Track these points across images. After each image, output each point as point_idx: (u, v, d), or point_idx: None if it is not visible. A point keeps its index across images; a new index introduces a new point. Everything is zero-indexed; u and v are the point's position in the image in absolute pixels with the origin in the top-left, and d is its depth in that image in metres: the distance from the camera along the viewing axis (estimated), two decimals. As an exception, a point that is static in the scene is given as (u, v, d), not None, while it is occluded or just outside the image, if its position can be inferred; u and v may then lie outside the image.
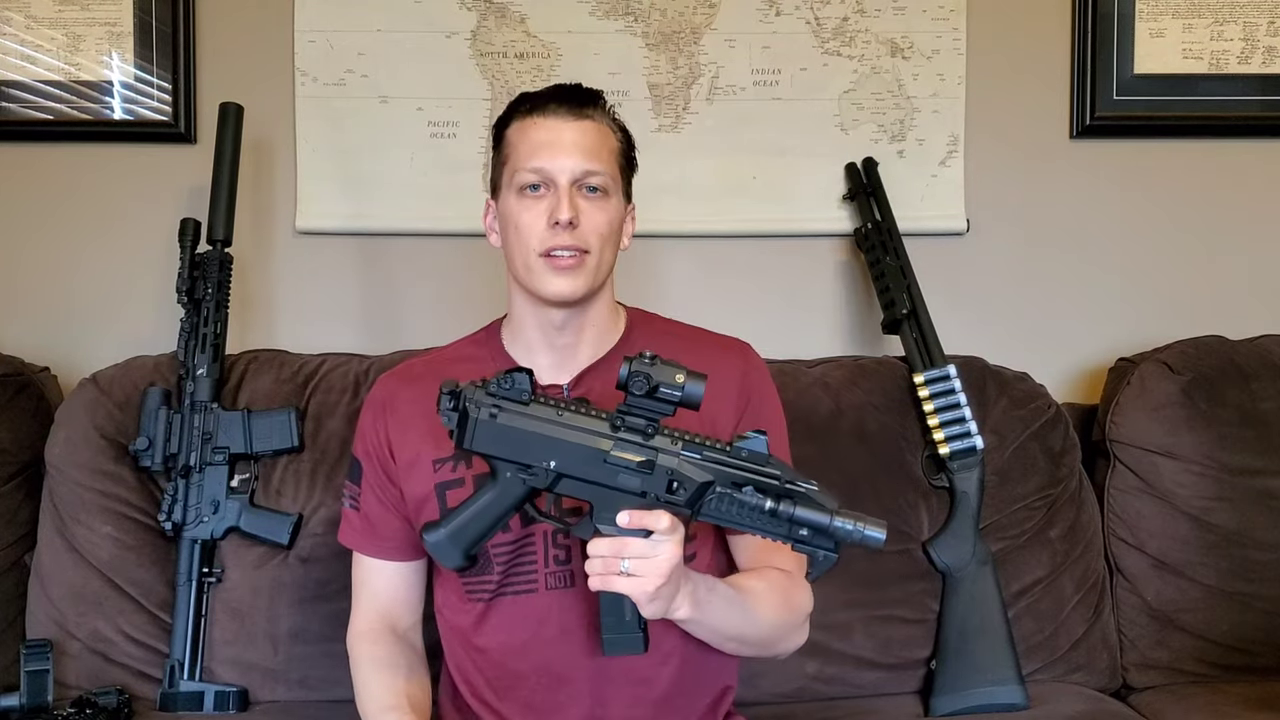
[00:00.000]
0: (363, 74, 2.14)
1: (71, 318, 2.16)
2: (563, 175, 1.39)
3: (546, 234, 1.39)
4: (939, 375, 1.92)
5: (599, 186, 1.41)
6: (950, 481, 1.89)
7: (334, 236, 2.17)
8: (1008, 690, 1.79)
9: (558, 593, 1.41)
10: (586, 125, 1.42)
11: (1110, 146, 2.21)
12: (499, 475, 1.30)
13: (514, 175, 1.42)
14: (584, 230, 1.39)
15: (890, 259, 2.03)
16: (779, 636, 1.43)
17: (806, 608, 1.44)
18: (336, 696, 1.75)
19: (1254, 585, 1.91)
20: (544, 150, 1.40)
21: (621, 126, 1.48)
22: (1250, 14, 2.18)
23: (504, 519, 1.32)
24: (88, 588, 1.81)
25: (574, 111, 1.42)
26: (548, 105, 1.42)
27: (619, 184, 1.45)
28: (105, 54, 2.14)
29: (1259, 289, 2.21)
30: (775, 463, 1.26)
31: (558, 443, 1.27)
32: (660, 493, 1.25)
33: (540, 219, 1.39)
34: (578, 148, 1.40)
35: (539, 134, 1.41)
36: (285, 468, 1.86)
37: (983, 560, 1.85)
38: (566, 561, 1.41)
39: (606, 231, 1.42)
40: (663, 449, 1.25)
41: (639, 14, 2.15)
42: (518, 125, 1.44)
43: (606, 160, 1.43)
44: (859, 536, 1.22)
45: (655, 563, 1.21)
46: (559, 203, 1.38)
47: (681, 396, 1.23)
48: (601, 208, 1.41)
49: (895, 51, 2.17)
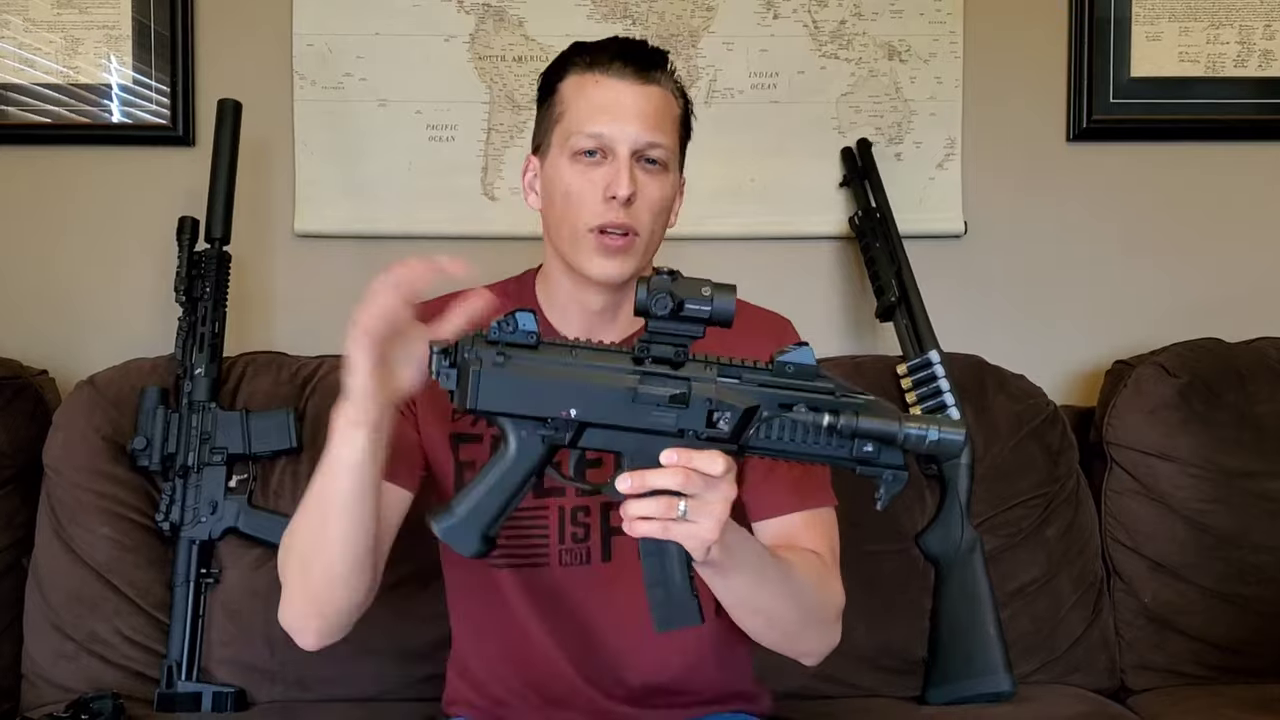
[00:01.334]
0: (361, 77, 2.15)
1: (69, 320, 2.16)
2: (623, 145, 1.30)
3: (601, 207, 1.30)
4: (921, 363, 1.93)
5: (659, 160, 1.32)
6: (939, 470, 1.89)
7: (332, 239, 2.17)
8: (995, 679, 1.79)
9: (570, 569, 1.38)
10: (652, 91, 1.32)
11: (1107, 149, 2.21)
12: (511, 437, 1.13)
13: (569, 138, 1.32)
14: (639, 208, 1.31)
15: (881, 244, 2.04)
16: (809, 621, 1.31)
17: (839, 600, 1.34)
18: (335, 696, 1.75)
19: (1251, 587, 1.91)
20: (604, 114, 1.30)
21: (683, 91, 1.40)
22: (1246, 17, 2.19)
23: (524, 489, 1.16)
24: (85, 589, 1.81)
25: (640, 75, 1.32)
26: (612, 64, 1.32)
27: (677, 156, 1.37)
28: (103, 57, 2.14)
29: (1256, 291, 2.22)
30: (826, 375, 1.12)
31: (577, 386, 1.10)
32: (700, 428, 1.09)
33: (595, 189, 1.30)
34: (641, 116, 1.30)
35: (600, 95, 1.31)
36: (283, 469, 1.86)
37: (970, 547, 1.85)
38: (584, 539, 1.38)
39: (660, 209, 1.33)
40: (696, 377, 1.10)
41: (637, 17, 2.16)
42: (575, 80, 1.34)
43: (669, 131, 1.34)
44: (935, 439, 1.08)
45: (713, 507, 1.07)
46: (618, 175, 1.29)
47: (711, 312, 1.08)
48: (660, 182, 1.33)
49: (893, 54, 2.17)
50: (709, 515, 1.07)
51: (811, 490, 1.38)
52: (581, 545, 1.39)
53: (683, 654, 1.42)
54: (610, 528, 1.39)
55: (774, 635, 1.31)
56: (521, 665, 1.43)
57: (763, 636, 1.32)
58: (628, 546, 1.36)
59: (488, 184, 2.16)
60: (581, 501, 1.39)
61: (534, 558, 1.39)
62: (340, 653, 1.53)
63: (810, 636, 1.33)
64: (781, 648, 1.34)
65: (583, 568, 1.39)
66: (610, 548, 1.39)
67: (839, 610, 1.35)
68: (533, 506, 1.38)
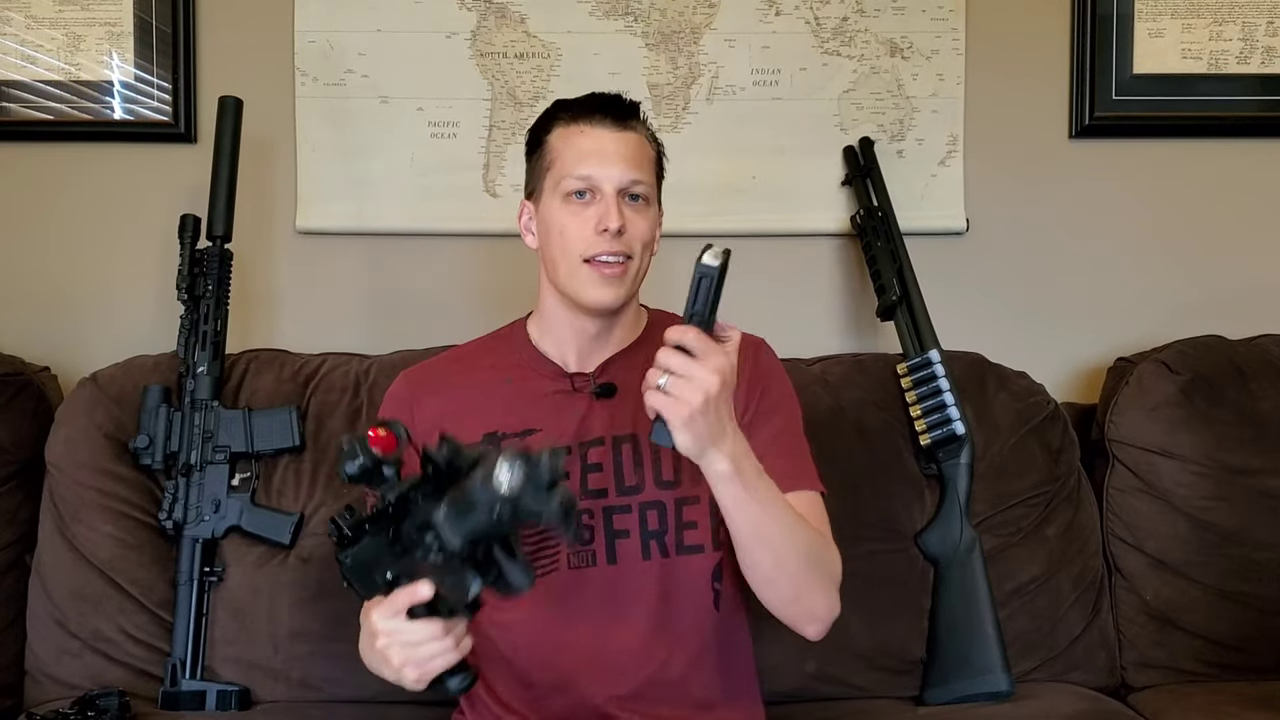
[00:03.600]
0: (363, 74, 2.15)
1: (72, 318, 2.16)
2: (609, 184, 1.44)
3: (593, 239, 1.43)
4: (920, 362, 1.93)
5: (641, 195, 1.46)
6: (939, 469, 1.89)
7: (334, 236, 2.17)
8: (993, 678, 1.80)
9: (579, 571, 1.44)
10: (630, 136, 1.47)
11: (1109, 146, 2.21)
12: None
13: (560, 182, 1.46)
14: (629, 237, 1.44)
15: (882, 243, 2.04)
16: (816, 573, 1.38)
17: (839, 568, 1.42)
18: (337, 696, 1.76)
19: (1252, 585, 1.91)
20: (591, 159, 1.45)
21: (654, 136, 1.54)
22: (1249, 14, 2.19)
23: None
24: (88, 587, 1.81)
25: (619, 123, 1.47)
26: (593, 115, 1.47)
27: (656, 192, 1.52)
28: (105, 54, 2.14)
29: (1258, 289, 2.22)
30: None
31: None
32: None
33: (587, 225, 1.44)
34: (623, 158, 1.45)
35: (585, 142, 1.46)
36: (286, 467, 1.86)
37: (969, 547, 1.85)
38: (590, 541, 1.44)
39: (647, 240, 1.47)
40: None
41: (639, 14, 2.15)
42: (561, 131, 1.48)
43: (647, 170, 1.48)
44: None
45: (690, 385, 1.20)
46: (608, 211, 1.43)
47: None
48: (644, 216, 1.47)
49: (895, 51, 2.17)
50: (685, 391, 1.19)
51: (796, 475, 1.45)
52: (587, 548, 1.44)
53: (685, 653, 1.45)
54: (614, 531, 1.45)
55: (783, 583, 1.37)
56: (528, 666, 1.46)
57: (773, 583, 1.37)
58: (630, 549, 1.43)
59: (489, 181, 2.16)
60: (586, 505, 1.45)
61: (548, 565, 1.45)
62: (345, 653, 1.54)
63: (817, 592, 1.39)
64: (789, 606, 1.40)
65: (590, 569, 1.44)
66: (615, 551, 1.45)
67: (838, 578, 1.42)
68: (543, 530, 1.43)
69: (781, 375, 1.54)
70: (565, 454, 1.42)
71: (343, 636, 1.57)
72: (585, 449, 1.47)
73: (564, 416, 1.48)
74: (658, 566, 1.44)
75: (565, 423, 1.48)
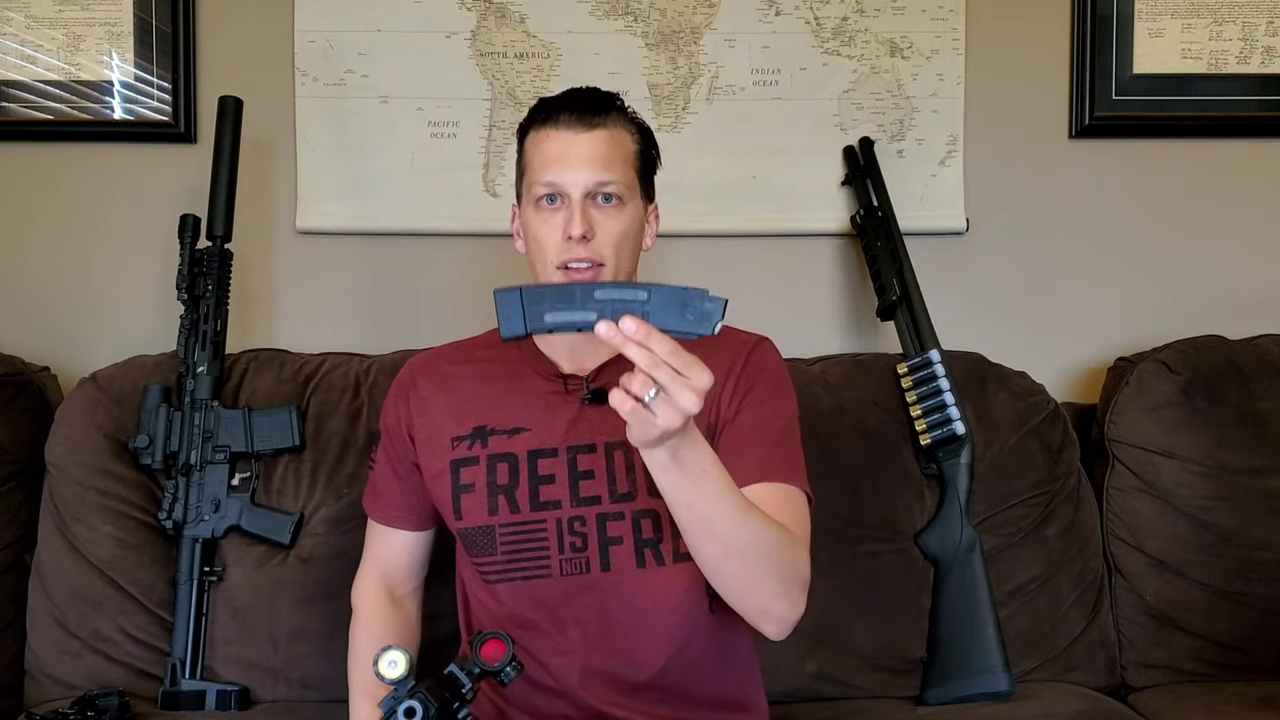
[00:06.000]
0: (363, 74, 2.15)
1: (71, 317, 2.16)
2: (575, 189, 1.41)
3: (562, 247, 1.42)
4: (921, 362, 1.93)
5: (614, 194, 1.43)
6: (939, 469, 1.89)
7: (334, 236, 2.17)
8: (993, 678, 1.80)
9: (571, 578, 1.42)
10: (597, 135, 1.43)
11: (1109, 146, 2.21)
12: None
13: (530, 188, 1.45)
14: (598, 242, 1.42)
15: (883, 243, 2.04)
16: (769, 570, 1.29)
17: (805, 572, 1.34)
18: (337, 696, 1.75)
19: (1253, 585, 1.91)
20: (555, 164, 1.42)
21: (640, 125, 1.50)
22: (1249, 14, 2.19)
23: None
24: (88, 587, 1.81)
25: (584, 122, 1.43)
26: (559, 116, 1.44)
27: (635, 188, 1.47)
28: (105, 54, 2.14)
29: (1258, 288, 2.22)
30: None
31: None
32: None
33: (556, 232, 1.42)
34: (588, 159, 1.42)
35: (551, 146, 1.43)
36: (286, 467, 1.86)
37: (970, 547, 1.85)
38: (583, 549, 1.42)
39: (621, 240, 1.44)
40: None
41: (639, 14, 2.15)
42: (533, 136, 1.46)
43: (620, 168, 1.44)
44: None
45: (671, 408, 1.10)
46: (572, 217, 1.40)
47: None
48: (616, 216, 1.43)
49: (894, 51, 2.17)
50: (667, 410, 1.10)
51: (778, 468, 1.40)
52: (580, 555, 1.43)
53: (682, 657, 1.44)
54: (607, 538, 1.43)
55: (730, 573, 1.30)
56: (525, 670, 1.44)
57: (720, 572, 1.30)
58: (623, 556, 1.42)
59: (489, 180, 2.16)
60: (577, 512, 1.43)
61: (537, 571, 1.44)
62: (345, 653, 1.54)
63: (769, 590, 1.31)
64: (743, 600, 1.33)
65: (583, 576, 1.43)
66: (608, 558, 1.43)
67: (804, 582, 1.34)
68: (532, 520, 1.44)
69: (776, 373, 1.50)
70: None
71: (343, 636, 1.58)
72: (574, 453, 1.45)
73: (554, 418, 1.47)
74: (652, 574, 1.42)
75: (555, 424, 1.46)
